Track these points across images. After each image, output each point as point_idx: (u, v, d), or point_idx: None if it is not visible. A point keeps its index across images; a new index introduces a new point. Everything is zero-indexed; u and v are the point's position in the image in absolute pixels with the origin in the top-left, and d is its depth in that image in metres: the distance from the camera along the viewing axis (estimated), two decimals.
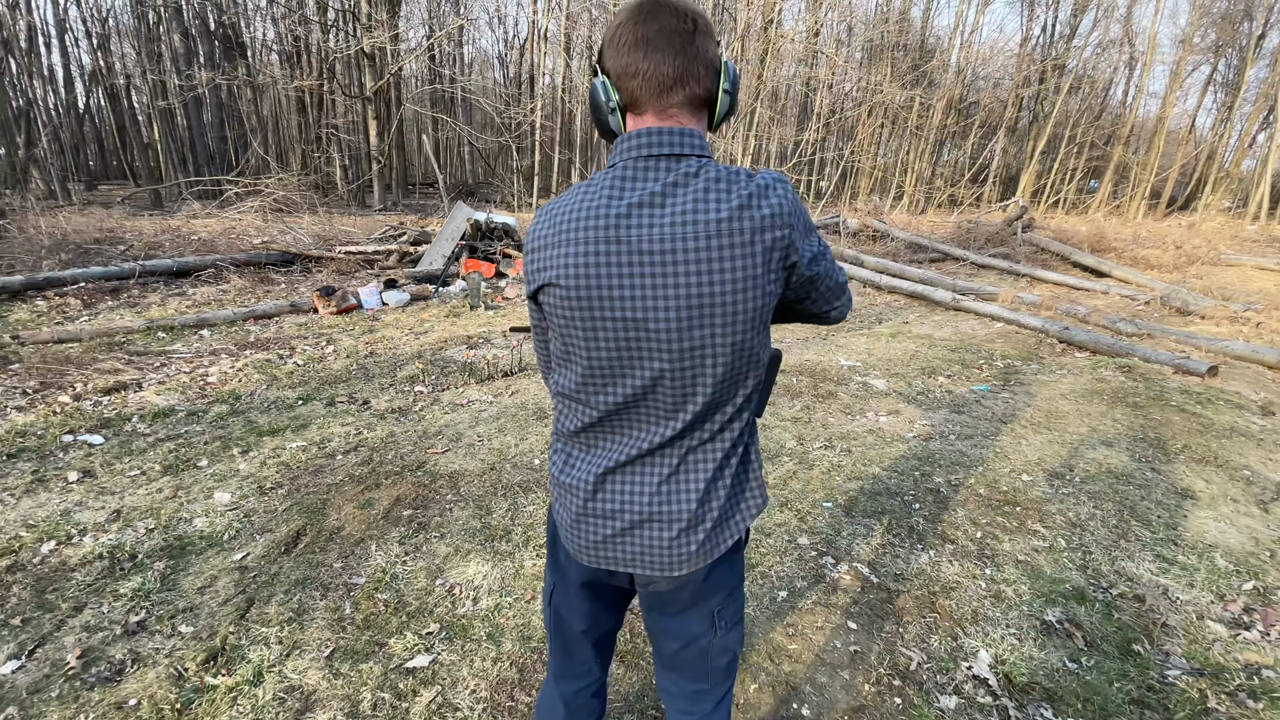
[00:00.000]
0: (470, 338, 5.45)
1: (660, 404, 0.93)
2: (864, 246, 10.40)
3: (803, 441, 3.45)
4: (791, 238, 0.87)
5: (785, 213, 0.87)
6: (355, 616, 2.11)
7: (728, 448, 0.97)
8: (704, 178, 0.87)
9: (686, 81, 0.90)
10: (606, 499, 0.99)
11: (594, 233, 0.88)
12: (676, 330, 0.87)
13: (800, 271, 0.91)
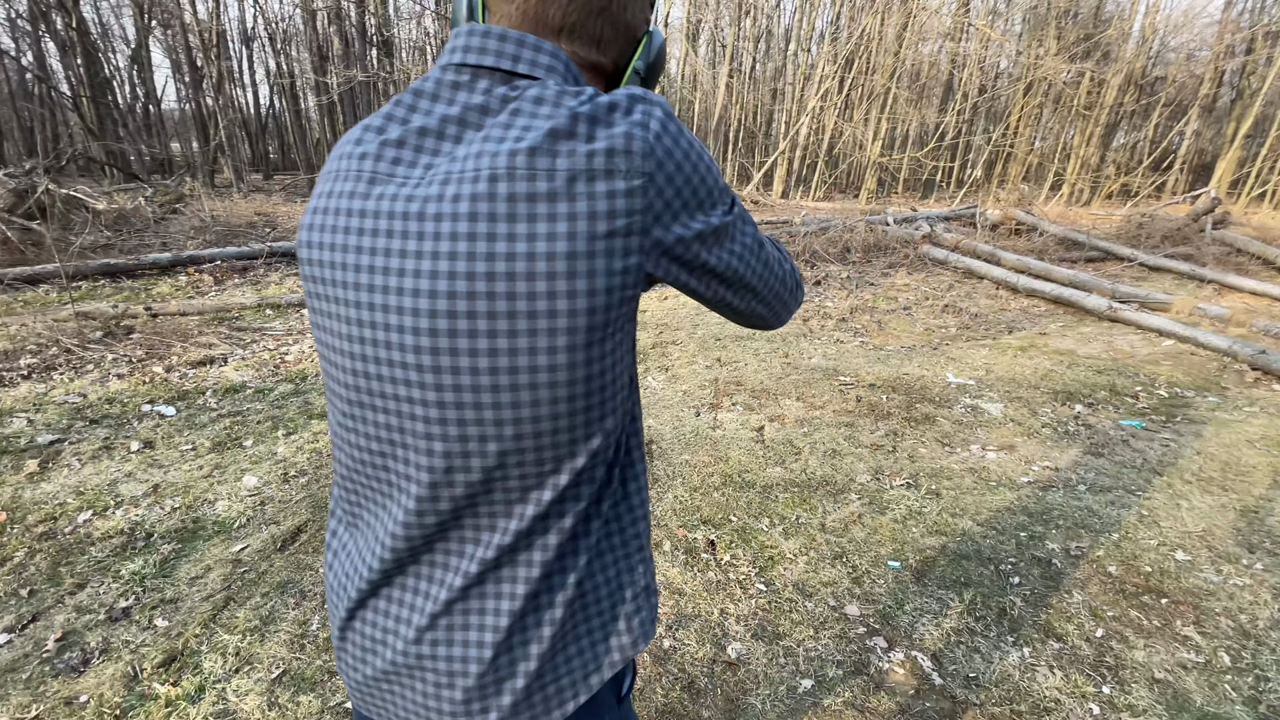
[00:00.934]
0: None
1: (421, 475, 0.57)
2: (1003, 241, 9.06)
3: (879, 476, 2.86)
4: (658, 198, 0.50)
5: (643, 152, 0.49)
6: (319, 635, 1.93)
7: (552, 559, 0.59)
8: (524, 98, 0.51)
9: (573, 35, 0.59)
10: (366, 623, 0.64)
11: (345, 174, 0.56)
12: (430, 348, 0.52)
13: (686, 258, 0.55)
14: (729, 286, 0.61)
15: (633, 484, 0.65)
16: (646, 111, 0.51)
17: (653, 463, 2.95)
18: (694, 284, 0.58)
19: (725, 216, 0.56)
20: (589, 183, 0.48)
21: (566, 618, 0.61)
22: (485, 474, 0.54)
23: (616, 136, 0.49)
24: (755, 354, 4.63)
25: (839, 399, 3.70)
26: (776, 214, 13.63)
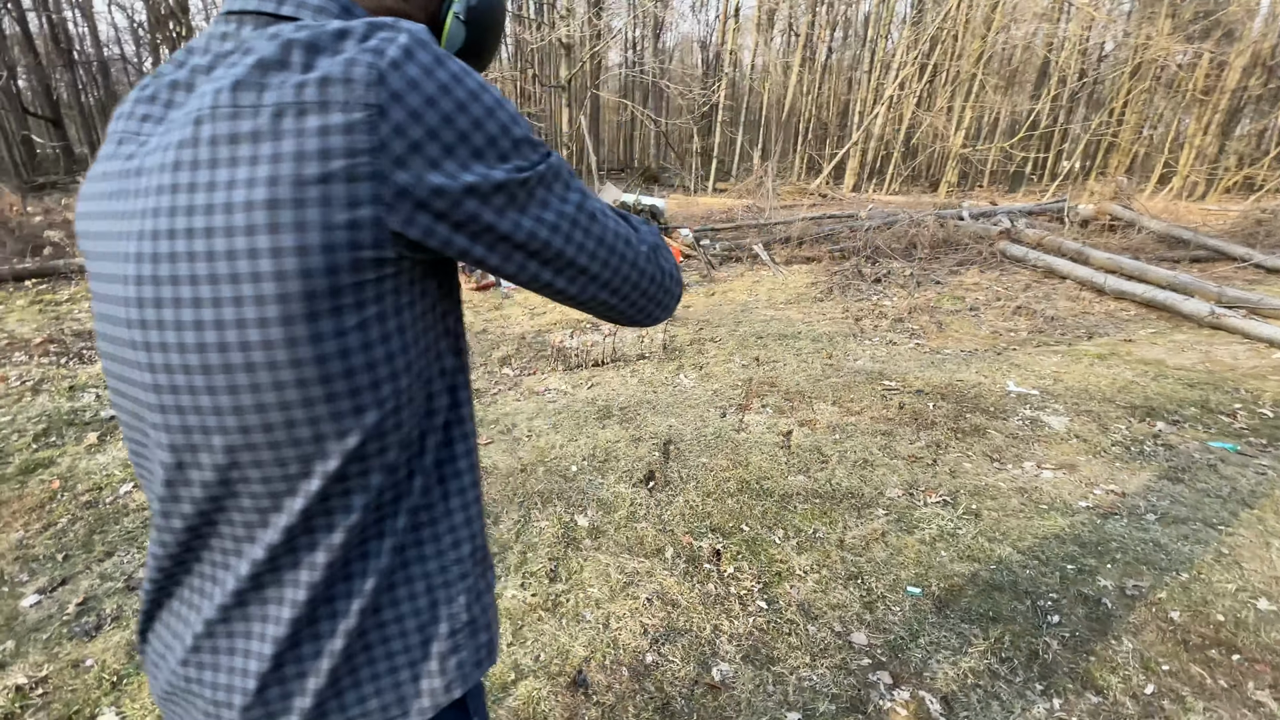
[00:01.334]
0: (580, 322, 5.27)
1: (158, 470, 0.51)
2: (1094, 239, 8.28)
3: (912, 491, 2.63)
4: (396, 136, 0.41)
5: (368, 81, 0.40)
6: None
7: (320, 580, 0.50)
8: (265, 36, 0.44)
9: None
10: (154, 635, 0.59)
11: (109, 136, 0.52)
12: (139, 322, 0.46)
13: (457, 217, 0.45)
14: (545, 264, 0.50)
15: (455, 499, 0.56)
16: (388, 38, 0.42)
17: (668, 464, 2.84)
18: (485, 255, 0.48)
19: (523, 172, 0.46)
20: (298, 118, 0.40)
21: (351, 651, 0.52)
22: (219, 473, 0.47)
23: (336, 64, 0.40)
24: (797, 354, 4.41)
25: (879, 405, 3.45)
26: (843, 207, 13.06)
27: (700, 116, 20.74)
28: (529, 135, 0.47)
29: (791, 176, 20.91)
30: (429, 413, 0.52)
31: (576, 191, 0.51)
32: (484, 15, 0.56)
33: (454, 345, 0.54)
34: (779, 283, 6.91)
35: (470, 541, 0.57)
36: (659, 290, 0.59)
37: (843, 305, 5.88)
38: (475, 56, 0.59)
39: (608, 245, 0.53)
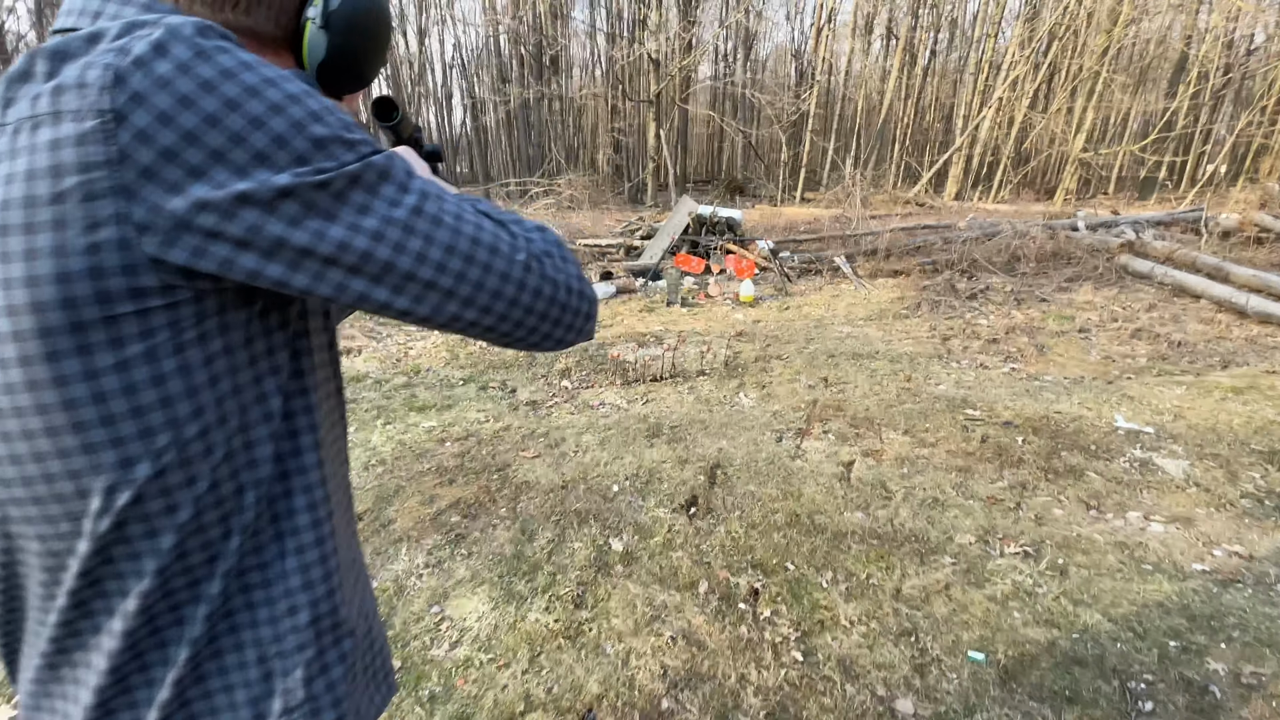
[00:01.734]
0: (645, 335, 5.21)
1: None
2: (1237, 253, 7.24)
3: (987, 538, 2.35)
4: (141, 146, 0.36)
5: (103, 85, 0.36)
6: None
7: (121, 649, 0.46)
8: None
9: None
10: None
11: None
12: None
13: (237, 234, 0.38)
14: (373, 280, 0.43)
15: (291, 560, 0.49)
16: (141, 35, 0.37)
17: (713, 490, 2.71)
18: (287, 275, 0.41)
19: (324, 174, 0.39)
20: (32, 132, 0.36)
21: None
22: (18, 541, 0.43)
23: (74, 69, 0.36)
24: (871, 375, 4.12)
25: (958, 437, 3.13)
26: (940, 217, 12.26)
27: (789, 126, 20.28)
28: (340, 133, 0.41)
29: (886, 185, 19.96)
30: (249, 464, 0.46)
31: (415, 193, 0.43)
32: (350, 19, 0.50)
33: (291, 386, 0.48)
34: (860, 297, 6.55)
35: (310, 609, 0.51)
36: (549, 306, 0.50)
37: (930, 323, 5.46)
38: (347, 68, 0.53)
39: (461, 254, 0.45)
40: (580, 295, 0.53)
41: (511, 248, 0.48)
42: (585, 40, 26.05)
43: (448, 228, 0.44)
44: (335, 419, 0.56)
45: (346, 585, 0.55)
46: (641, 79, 21.04)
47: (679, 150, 27.47)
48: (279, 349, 0.47)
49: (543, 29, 20.51)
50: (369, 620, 0.61)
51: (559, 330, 0.52)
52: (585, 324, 0.54)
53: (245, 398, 0.45)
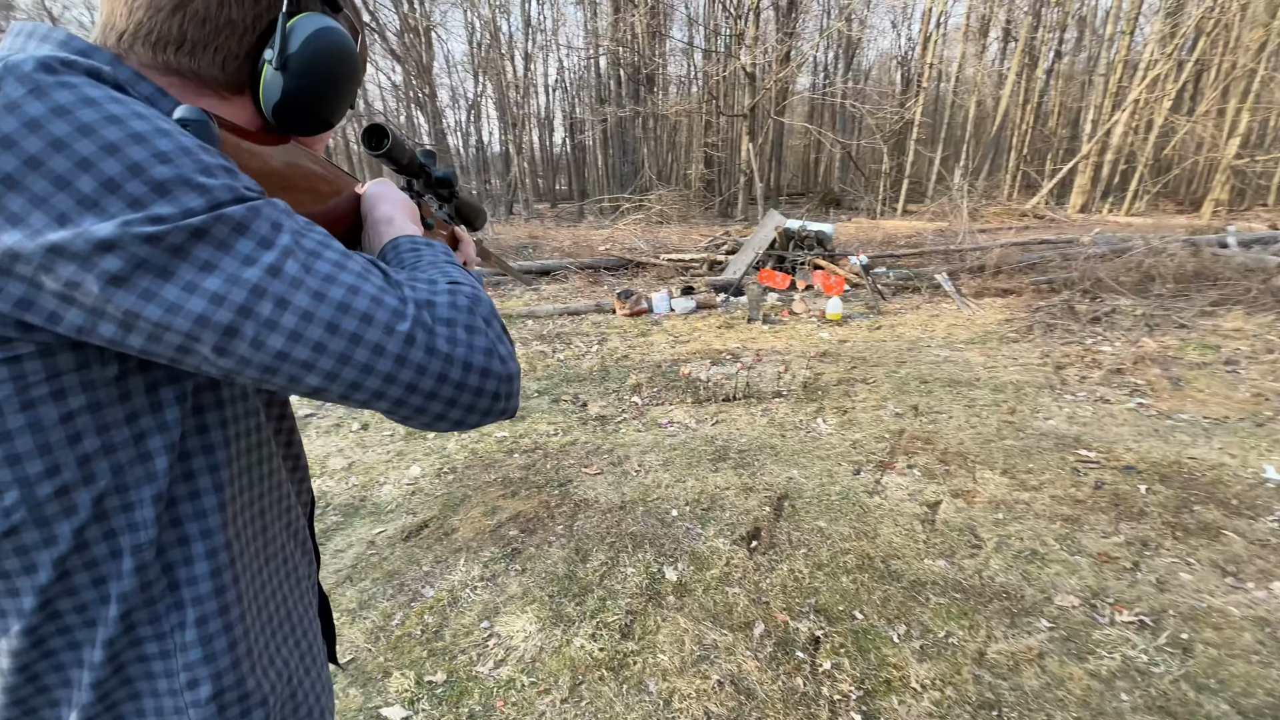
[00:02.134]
0: (721, 352, 5.08)
1: None
2: None
3: (1095, 602, 2.04)
4: None
5: None
6: (393, 631, 2.04)
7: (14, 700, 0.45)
8: None
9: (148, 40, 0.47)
10: None
11: None
12: None
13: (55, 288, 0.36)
14: (217, 351, 0.38)
15: (191, 631, 0.46)
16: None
17: (779, 522, 2.55)
18: (119, 335, 0.37)
19: (159, 225, 0.36)
20: None
21: None
22: None
23: None
24: (968, 405, 3.77)
25: (1066, 481, 2.77)
26: (1061, 231, 11.20)
27: (891, 135, 19.38)
28: (188, 176, 0.37)
29: (1000, 196, 18.57)
30: (128, 527, 0.43)
31: (275, 250, 0.39)
32: (309, 61, 0.48)
33: (190, 444, 0.45)
34: (963, 318, 6.07)
35: (213, 681, 0.47)
36: (438, 384, 0.44)
37: (1042, 349, 4.95)
38: (306, 110, 0.50)
39: (322, 322, 0.40)
40: (484, 374, 0.46)
41: (393, 316, 0.42)
42: (682, 58, 26.35)
43: (308, 291, 0.39)
44: (267, 472, 0.53)
45: (260, 651, 0.52)
46: (736, 93, 20.93)
47: (773, 163, 27.02)
48: (168, 405, 0.43)
49: (640, 49, 20.94)
50: (294, 682, 0.57)
51: (455, 411, 0.45)
52: (494, 404, 0.47)
53: (120, 457, 0.42)
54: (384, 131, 0.66)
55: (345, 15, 0.56)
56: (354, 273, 0.42)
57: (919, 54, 19.92)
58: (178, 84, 0.48)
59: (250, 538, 0.51)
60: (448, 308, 0.46)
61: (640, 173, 21.71)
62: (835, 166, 27.30)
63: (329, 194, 0.58)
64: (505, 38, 22.50)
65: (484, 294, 0.51)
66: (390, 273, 0.45)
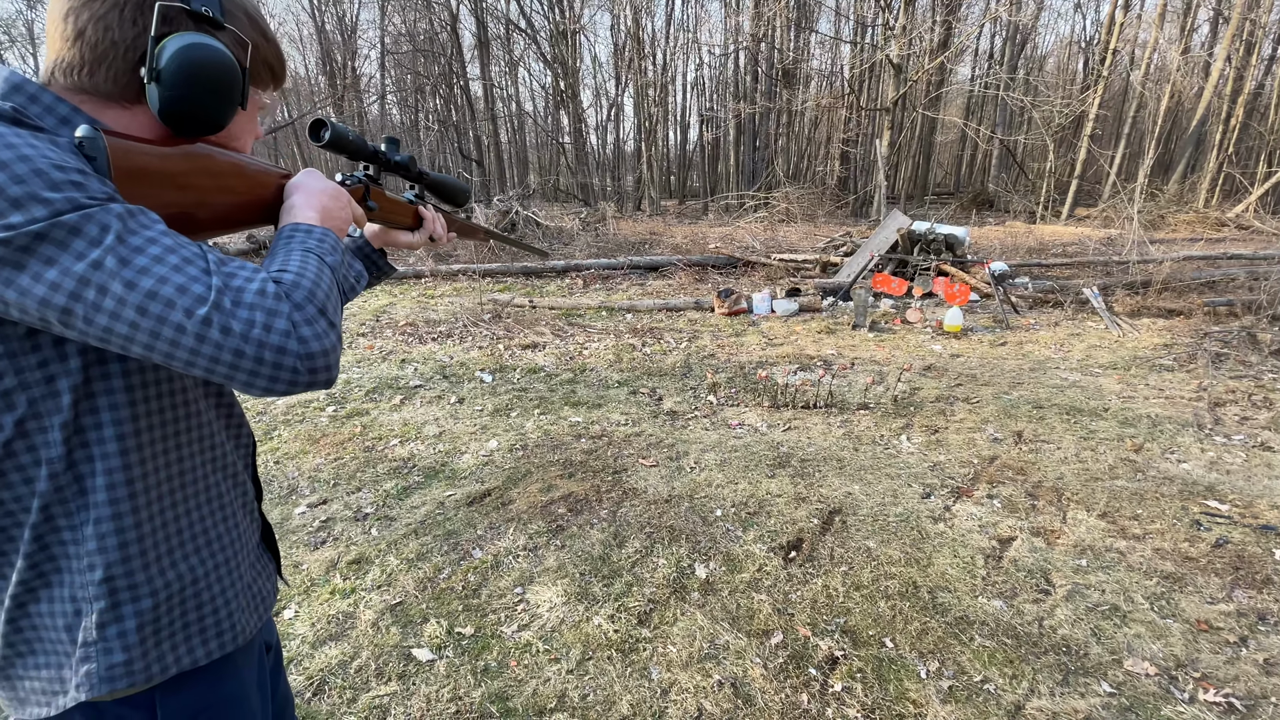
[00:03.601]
0: (813, 358, 4.90)
1: None
2: None
3: (1173, 673, 1.76)
4: None
5: None
6: (439, 584, 2.26)
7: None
8: None
9: (67, 69, 0.61)
10: None
11: None
12: None
13: None
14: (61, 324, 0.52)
15: (90, 528, 0.60)
16: None
17: (824, 536, 2.45)
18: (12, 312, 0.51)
19: (9, 230, 0.48)
20: None
21: (11, 630, 0.62)
22: None
23: None
24: (1085, 438, 3.35)
25: (1180, 534, 2.39)
26: (1264, 245, 9.38)
27: (1059, 130, 17.25)
28: (36, 192, 0.48)
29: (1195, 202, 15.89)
30: (44, 444, 0.57)
31: (100, 249, 0.50)
32: (176, 72, 0.58)
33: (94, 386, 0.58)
34: (1109, 339, 5.34)
35: (104, 569, 0.61)
36: (236, 358, 0.54)
37: (1200, 381, 4.24)
38: (187, 115, 0.61)
39: (133, 305, 0.51)
40: (279, 351, 0.56)
41: (194, 301, 0.53)
42: (826, 51, 25.29)
43: (122, 281, 0.51)
44: (183, 415, 0.67)
45: (153, 553, 0.65)
46: (881, 86, 19.73)
47: (920, 160, 25.13)
48: (71, 355, 0.57)
49: (779, 42, 20.41)
50: (199, 585, 0.69)
51: (260, 380, 0.56)
52: (294, 376, 0.57)
53: (34, 393, 0.56)
54: (323, 124, 0.78)
55: (230, 31, 0.65)
56: (170, 265, 0.53)
57: (1104, 38, 17.49)
58: (88, 101, 0.60)
59: (159, 464, 0.64)
60: (254, 294, 0.56)
61: (768, 169, 21.21)
62: (992, 164, 24.83)
63: (243, 186, 0.69)
64: (648, 36, 22.99)
65: (310, 279, 0.61)
66: (215, 265, 0.55)
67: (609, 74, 30.46)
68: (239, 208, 0.72)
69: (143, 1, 0.59)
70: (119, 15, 0.59)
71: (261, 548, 0.83)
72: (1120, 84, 20.46)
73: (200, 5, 0.62)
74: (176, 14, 0.61)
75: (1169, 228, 13.20)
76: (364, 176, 0.88)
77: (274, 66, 0.73)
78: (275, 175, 0.75)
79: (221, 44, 0.62)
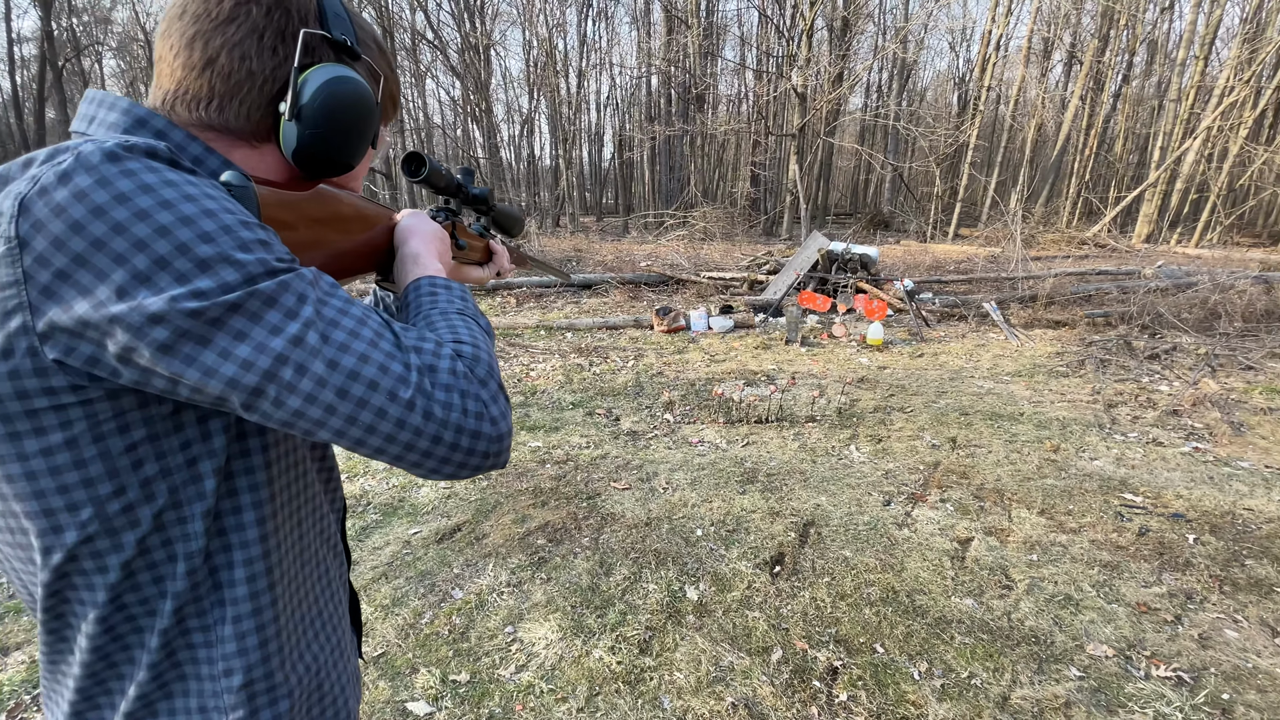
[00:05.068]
0: (756, 373, 5.08)
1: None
2: None
3: (1129, 653, 1.97)
4: (40, 267, 0.40)
5: (13, 214, 0.40)
6: (422, 629, 2.13)
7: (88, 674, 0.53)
8: None
9: (186, 97, 0.53)
10: None
11: None
12: None
13: (119, 352, 0.42)
14: (244, 406, 0.44)
15: (228, 626, 0.54)
16: (57, 162, 0.41)
17: (803, 549, 2.54)
18: (169, 388, 0.44)
19: (201, 299, 0.41)
20: None
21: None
22: None
23: (12, 200, 0.41)
24: (1010, 441, 3.67)
25: (1108, 525, 2.68)
26: (1123, 261, 10.75)
27: (944, 158, 19.00)
28: (227, 253, 0.43)
29: (1059, 224, 17.95)
30: (182, 536, 0.50)
31: (299, 321, 0.44)
32: (319, 111, 0.53)
33: (234, 467, 0.52)
34: (1010, 349, 5.90)
35: (244, 673, 0.54)
36: (433, 444, 0.49)
37: (1093, 385, 4.77)
38: (321, 156, 0.56)
39: (334, 387, 0.45)
40: (474, 436, 0.51)
41: (397, 382, 0.47)
42: (733, 77, 26.50)
43: (324, 359, 0.45)
44: (301, 487, 0.60)
45: (290, 647, 0.58)
46: (786, 113, 20.91)
47: (821, 183, 26.78)
48: (215, 433, 0.50)
49: (692, 69, 21.17)
50: (321, 675, 0.63)
51: (448, 467, 0.51)
52: (483, 461, 0.52)
53: (175, 479, 0.49)
54: (421, 159, 0.72)
55: (365, 62, 0.60)
56: (366, 340, 0.47)
57: (977, 76, 19.52)
58: (214, 138, 0.54)
59: (288, 546, 0.57)
60: (447, 374, 0.51)
61: (686, 190, 21.84)
62: (885, 188, 26.89)
63: (360, 230, 0.64)
64: (560, 55, 23.11)
65: (485, 350, 0.57)
66: (401, 335, 0.51)
67: (522, 88, 30.34)
68: (359, 255, 0.67)
69: (284, 28, 0.54)
70: (257, 43, 0.53)
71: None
72: (992, 116, 22.84)
73: (340, 33, 0.57)
74: (319, 43, 0.56)
75: (1039, 246, 14.82)
76: (447, 211, 0.84)
77: (396, 99, 0.68)
78: (385, 216, 0.71)
79: (360, 77, 0.57)
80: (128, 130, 0.50)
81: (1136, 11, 17.72)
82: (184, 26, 0.52)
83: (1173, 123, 16.23)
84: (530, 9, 21.15)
